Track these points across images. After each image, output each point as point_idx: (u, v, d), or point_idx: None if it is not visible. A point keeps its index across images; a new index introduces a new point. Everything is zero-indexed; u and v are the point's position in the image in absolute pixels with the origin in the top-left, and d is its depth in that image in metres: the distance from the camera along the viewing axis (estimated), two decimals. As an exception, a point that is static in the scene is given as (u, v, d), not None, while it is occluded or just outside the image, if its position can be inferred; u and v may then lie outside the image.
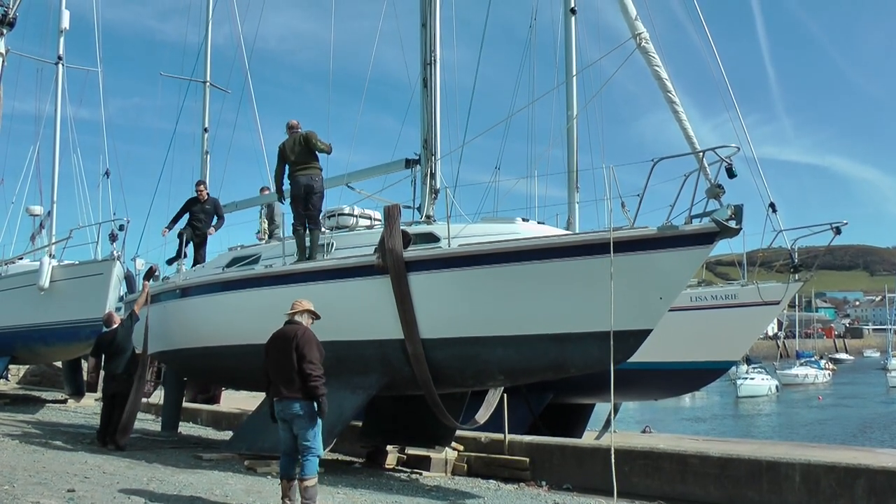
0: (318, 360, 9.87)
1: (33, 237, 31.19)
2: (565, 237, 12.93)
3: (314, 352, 9.89)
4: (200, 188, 19.22)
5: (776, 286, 20.25)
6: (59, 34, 29.50)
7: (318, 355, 9.91)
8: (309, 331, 10.19)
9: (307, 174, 15.16)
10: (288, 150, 15.36)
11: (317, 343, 10.02)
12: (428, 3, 15.70)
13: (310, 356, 9.81)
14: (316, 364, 9.81)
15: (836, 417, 52.68)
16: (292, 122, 15.71)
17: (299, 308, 10.50)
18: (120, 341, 15.76)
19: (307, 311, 10.49)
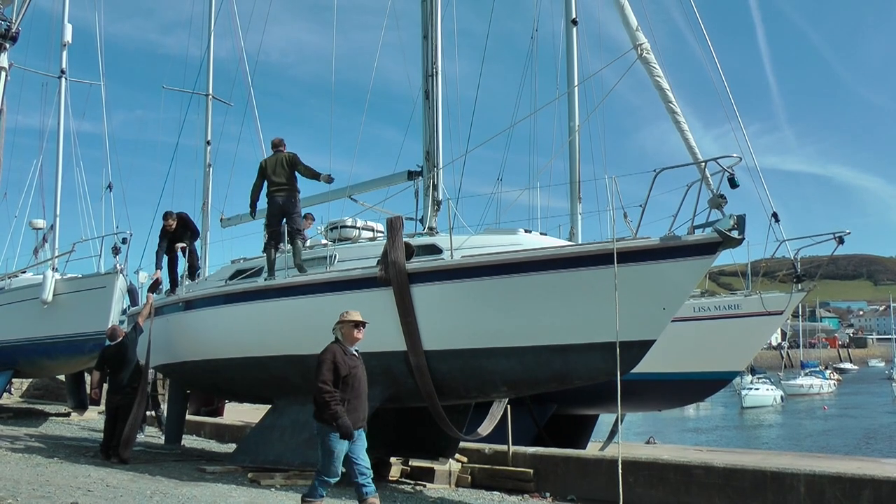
0: (326, 380, 9.42)
1: (36, 251, 31.23)
2: (568, 248, 12.93)
3: (321, 371, 9.48)
4: (169, 222, 18.61)
5: (779, 296, 20.23)
6: (61, 48, 29.55)
7: (327, 375, 9.45)
8: (327, 349, 9.75)
9: (284, 195, 15.34)
10: (269, 168, 15.46)
11: (330, 362, 9.53)
12: (429, 15, 15.74)
13: (317, 376, 9.50)
14: (322, 384, 9.41)
15: (841, 428, 52.55)
16: (276, 140, 15.81)
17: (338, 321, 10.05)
18: (124, 354, 15.79)
19: (340, 323, 9.99)
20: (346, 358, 9.64)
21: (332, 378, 9.44)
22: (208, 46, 30.15)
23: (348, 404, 9.47)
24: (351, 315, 9.93)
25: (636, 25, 12.98)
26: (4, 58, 10.99)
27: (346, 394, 9.50)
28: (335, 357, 9.55)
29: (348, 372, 9.53)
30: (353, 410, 9.52)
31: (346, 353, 9.69)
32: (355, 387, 9.63)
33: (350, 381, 9.55)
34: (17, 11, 11.02)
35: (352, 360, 9.70)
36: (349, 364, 9.60)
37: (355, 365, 9.71)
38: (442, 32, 15.88)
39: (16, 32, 10.87)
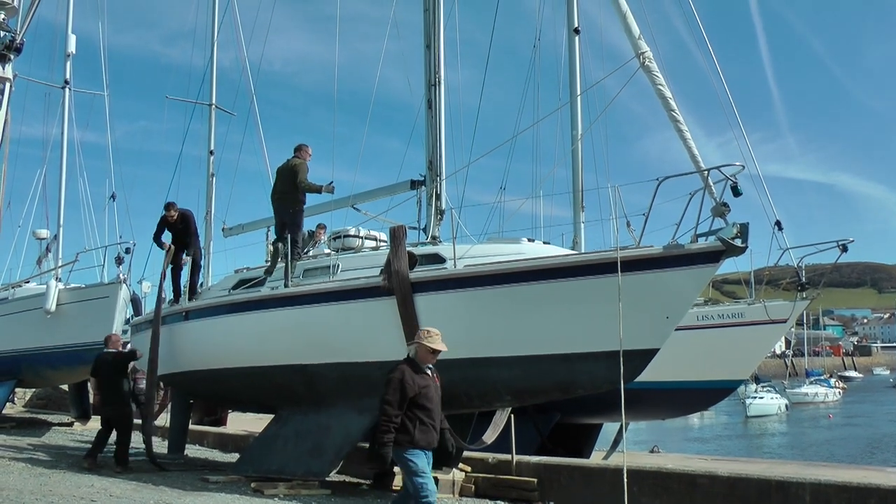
0: (390, 401, 8.98)
1: (40, 261, 31.26)
2: (571, 257, 12.91)
3: (386, 391, 9.06)
4: (171, 213, 18.59)
5: (783, 304, 20.22)
6: (65, 59, 29.58)
7: (392, 396, 9.00)
8: (397, 368, 9.28)
9: (284, 205, 15.47)
10: (278, 173, 15.59)
11: (397, 382, 9.07)
12: (432, 24, 15.75)
13: (383, 395, 9.10)
14: (385, 405, 9.00)
15: (846, 437, 52.40)
16: (297, 145, 15.88)
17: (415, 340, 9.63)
18: (119, 364, 16.01)
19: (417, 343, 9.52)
20: (417, 377, 9.20)
21: (398, 399, 9.00)
22: (211, 57, 30.16)
23: (420, 424, 9.12)
24: (432, 341, 9.47)
25: (638, 34, 12.97)
26: (9, 69, 10.98)
27: (416, 414, 9.11)
28: (404, 377, 9.12)
29: (417, 392, 9.11)
30: (426, 430, 9.17)
31: (416, 372, 9.26)
32: (427, 407, 9.23)
33: (420, 400, 9.15)
34: (21, 22, 11.03)
35: (422, 380, 9.26)
36: (419, 384, 9.17)
37: (426, 384, 9.29)
38: (444, 42, 15.90)
39: (20, 43, 10.87)
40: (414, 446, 9.05)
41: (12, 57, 10.90)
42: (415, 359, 9.42)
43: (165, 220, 18.50)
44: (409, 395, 9.03)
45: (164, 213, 18.57)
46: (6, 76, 10.95)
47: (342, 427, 13.65)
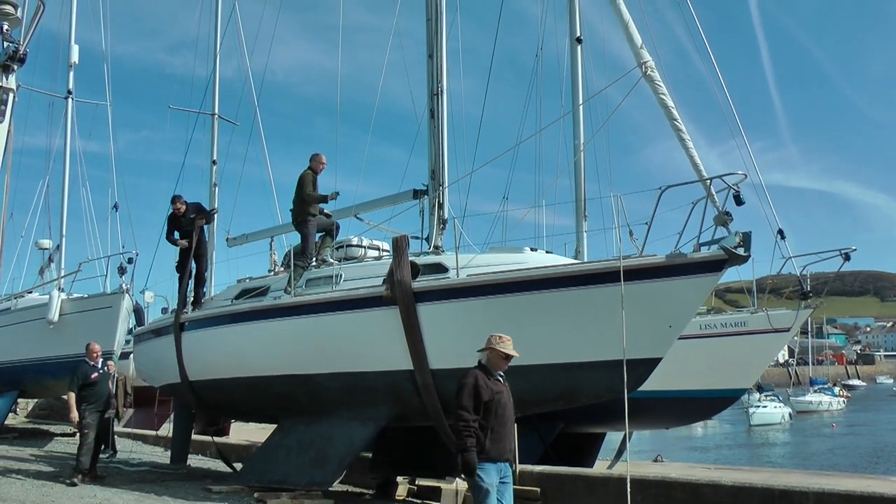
0: (465, 406, 8.58)
1: (42, 271, 31.33)
2: (574, 266, 12.90)
3: (461, 396, 8.66)
4: (178, 206, 17.99)
5: (786, 313, 20.20)
6: (68, 69, 29.58)
7: (467, 401, 8.60)
8: (469, 373, 8.90)
9: (293, 217, 15.55)
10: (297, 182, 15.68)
11: (471, 387, 8.69)
12: (434, 34, 15.77)
13: (457, 401, 8.71)
14: (461, 410, 8.59)
15: (849, 446, 52.32)
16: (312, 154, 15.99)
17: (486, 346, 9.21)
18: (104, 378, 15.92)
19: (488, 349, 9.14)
20: (490, 382, 8.83)
21: (473, 404, 8.61)
22: (214, 66, 30.23)
23: (492, 433, 8.67)
24: (505, 346, 9.13)
25: (640, 43, 12.99)
26: (12, 79, 11.00)
27: (489, 421, 8.67)
28: (477, 381, 8.75)
29: (491, 397, 8.71)
30: (497, 440, 8.72)
31: (489, 378, 8.88)
32: (500, 414, 8.79)
33: (493, 406, 8.72)
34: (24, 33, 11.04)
35: (496, 385, 8.87)
36: (493, 389, 8.79)
37: (499, 390, 8.89)
38: (447, 51, 15.92)
39: (24, 54, 10.87)
40: (485, 458, 8.60)
41: (15, 67, 10.91)
42: (487, 365, 9.04)
43: (174, 215, 18.03)
44: (484, 400, 8.65)
45: (172, 208, 18.09)
46: (9, 86, 10.96)
47: (345, 437, 13.64)
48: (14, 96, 11.16)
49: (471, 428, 8.52)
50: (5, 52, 10.79)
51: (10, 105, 11.15)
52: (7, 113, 11.10)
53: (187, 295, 17.50)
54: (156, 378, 19.55)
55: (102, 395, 15.64)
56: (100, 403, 15.53)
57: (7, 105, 11.08)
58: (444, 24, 15.94)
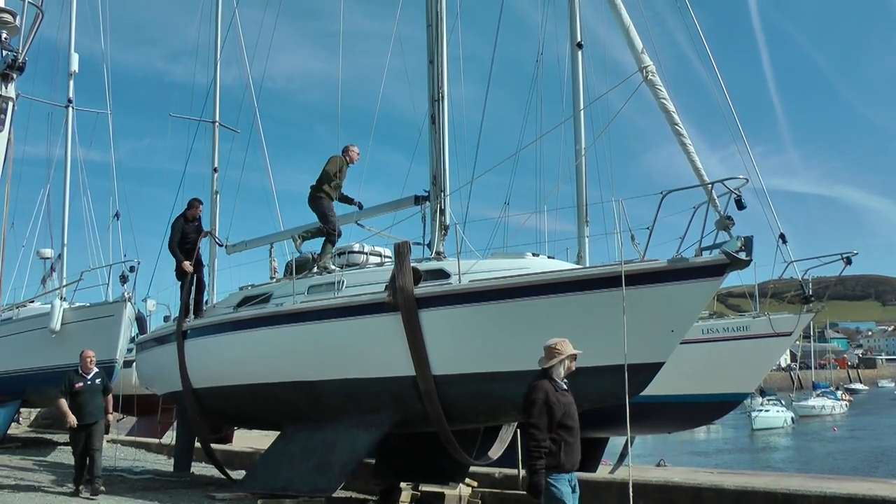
0: (538, 425, 8.24)
1: (44, 280, 31.38)
2: (576, 271, 12.92)
3: (532, 414, 8.30)
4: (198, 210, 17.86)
5: (788, 317, 20.19)
6: (68, 77, 29.52)
7: (539, 420, 8.26)
8: (537, 387, 8.53)
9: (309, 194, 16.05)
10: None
11: (542, 403, 8.34)
12: (435, 40, 15.78)
13: (527, 419, 8.35)
14: (534, 430, 8.24)
15: (851, 449, 52.31)
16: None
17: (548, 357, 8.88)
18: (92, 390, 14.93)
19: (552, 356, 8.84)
20: (559, 395, 8.52)
21: (546, 422, 8.27)
22: (215, 74, 30.24)
23: (566, 445, 8.39)
24: (566, 347, 8.87)
25: (641, 48, 12.99)
26: (11, 88, 10.98)
27: (561, 436, 8.35)
28: (548, 397, 8.39)
29: (564, 411, 8.42)
30: (569, 453, 8.43)
31: (557, 390, 8.58)
32: (571, 427, 8.50)
33: (565, 420, 8.42)
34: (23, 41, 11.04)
35: (565, 397, 8.58)
36: (563, 402, 8.49)
37: (569, 402, 8.60)
38: (447, 57, 15.92)
39: (23, 62, 10.85)
40: (560, 470, 8.34)
41: (15, 76, 10.89)
42: (552, 374, 8.72)
43: (187, 217, 17.64)
44: (557, 417, 8.33)
45: (188, 211, 17.74)
46: (9, 95, 10.95)
47: (348, 443, 13.64)
48: (14, 105, 11.14)
49: (542, 449, 8.22)
50: (4, 60, 10.77)
51: (10, 114, 11.13)
52: (7, 122, 11.08)
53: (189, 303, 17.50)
54: (158, 386, 19.55)
55: (85, 407, 14.63)
56: (84, 415, 14.57)
57: (7, 114, 11.06)
58: (445, 30, 15.94)
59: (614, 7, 13.43)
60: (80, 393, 14.72)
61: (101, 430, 15.02)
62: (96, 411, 14.79)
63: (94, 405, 14.79)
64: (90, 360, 15.15)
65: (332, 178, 15.82)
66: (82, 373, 14.98)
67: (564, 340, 8.92)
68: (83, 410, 14.64)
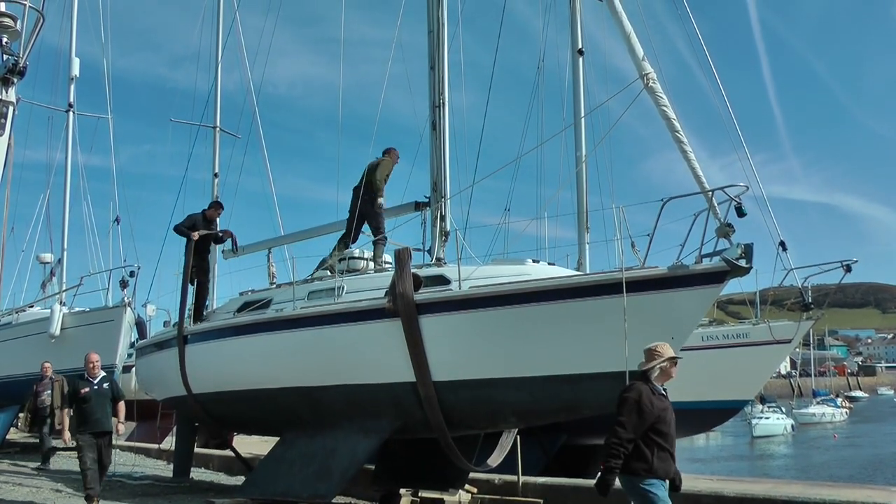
0: (624, 422, 8.04)
1: (44, 285, 31.35)
2: (576, 278, 12.90)
3: (622, 411, 8.12)
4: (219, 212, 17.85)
5: (788, 325, 20.23)
6: (69, 82, 29.53)
7: (627, 417, 8.06)
8: (634, 387, 8.33)
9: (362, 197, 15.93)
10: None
11: (634, 402, 8.14)
12: (436, 46, 15.80)
13: (617, 415, 8.16)
14: (618, 426, 8.05)
15: (851, 457, 52.26)
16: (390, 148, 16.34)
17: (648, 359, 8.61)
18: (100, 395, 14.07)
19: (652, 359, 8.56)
20: (655, 398, 8.26)
21: (634, 422, 8.06)
22: (216, 79, 30.28)
23: (659, 451, 8.15)
24: (666, 350, 8.59)
25: (642, 55, 12.98)
26: (12, 92, 10.99)
27: (653, 439, 8.14)
28: (642, 398, 8.17)
29: (657, 416, 8.17)
30: (664, 459, 8.18)
31: (654, 393, 8.32)
32: (665, 432, 8.24)
33: (659, 426, 8.19)
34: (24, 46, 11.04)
35: (660, 402, 8.30)
36: (658, 406, 8.22)
37: (665, 407, 8.32)
38: (448, 64, 15.93)
39: (23, 67, 10.86)
40: (652, 475, 8.11)
41: (15, 81, 10.90)
42: (651, 378, 8.48)
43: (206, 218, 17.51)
44: (648, 421, 8.12)
45: (206, 210, 17.62)
46: (9, 100, 10.95)
47: (348, 449, 13.63)
48: (14, 110, 11.15)
49: (621, 448, 8.04)
50: (5, 64, 10.78)
51: (10, 118, 11.14)
52: (7, 126, 11.09)
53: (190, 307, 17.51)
54: (158, 391, 19.53)
55: (93, 415, 13.80)
56: (92, 423, 13.78)
57: (7, 118, 11.07)
58: (446, 37, 15.97)
59: (615, 14, 13.44)
60: (87, 399, 13.84)
61: (111, 441, 14.33)
62: (106, 420, 13.94)
63: (104, 413, 13.93)
64: (95, 364, 14.31)
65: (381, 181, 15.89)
66: (88, 377, 14.12)
67: (665, 343, 8.71)
68: (91, 418, 13.80)
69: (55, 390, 20.63)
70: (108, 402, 14.02)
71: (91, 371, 14.19)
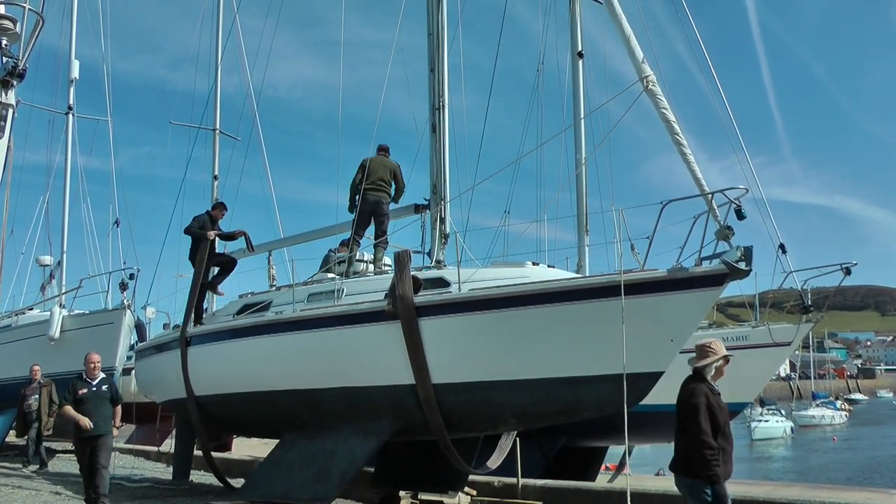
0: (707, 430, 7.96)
1: (43, 287, 31.31)
2: (576, 280, 12.90)
3: (699, 420, 7.99)
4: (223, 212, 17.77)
5: (787, 327, 20.21)
6: (69, 84, 29.52)
7: (706, 425, 7.97)
8: (698, 391, 8.21)
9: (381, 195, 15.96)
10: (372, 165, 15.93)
11: (705, 408, 8.06)
12: (436, 49, 15.81)
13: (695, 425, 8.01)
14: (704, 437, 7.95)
15: (851, 459, 52.27)
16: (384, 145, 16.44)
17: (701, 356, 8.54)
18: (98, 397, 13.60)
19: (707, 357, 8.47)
20: (717, 399, 8.23)
21: (711, 426, 8.01)
22: (215, 82, 30.30)
23: (724, 455, 8.10)
24: (719, 347, 8.53)
25: (642, 58, 12.99)
26: (12, 95, 10.97)
27: (720, 444, 8.06)
28: (709, 400, 8.13)
29: (724, 419, 8.19)
30: (727, 463, 8.15)
31: (714, 393, 8.28)
32: (729, 434, 8.25)
33: (725, 428, 8.17)
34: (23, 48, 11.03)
35: (719, 401, 8.25)
36: (721, 406, 8.21)
37: (724, 407, 8.30)
38: (448, 66, 15.94)
39: (23, 69, 10.84)
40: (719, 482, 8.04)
41: (15, 83, 10.89)
42: (706, 377, 8.43)
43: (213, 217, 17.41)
44: (720, 423, 8.10)
45: (212, 211, 17.58)
46: (9, 102, 10.95)
47: (347, 451, 13.62)
48: (14, 112, 11.14)
49: (718, 457, 7.97)
50: (4, 67, 10.77)
51: (10, 121, 11.13)
52: (7, 129, 11.08)
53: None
54: (158, 394, 19.51)
55: (89, 416, 13.20)
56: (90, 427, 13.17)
57: (7, 121, 11.06)
58: (446, 39, 15.98)
59: (615, 17, 13.45)
60: (85, 401, 13.38)
61: (109, 444, 13.67)
62: (102, 422, 13.35)
63: (101, 415, 13.37)
64: (96, 364, 13.86)
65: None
66: (87, 378, 13.68)
67: (717, 340, 8.68)
68: (91, 420, 13.24)
69: (43, 395, 20.62)
70: (107, 405, 13.56)
71: (91, 372, 13.76)
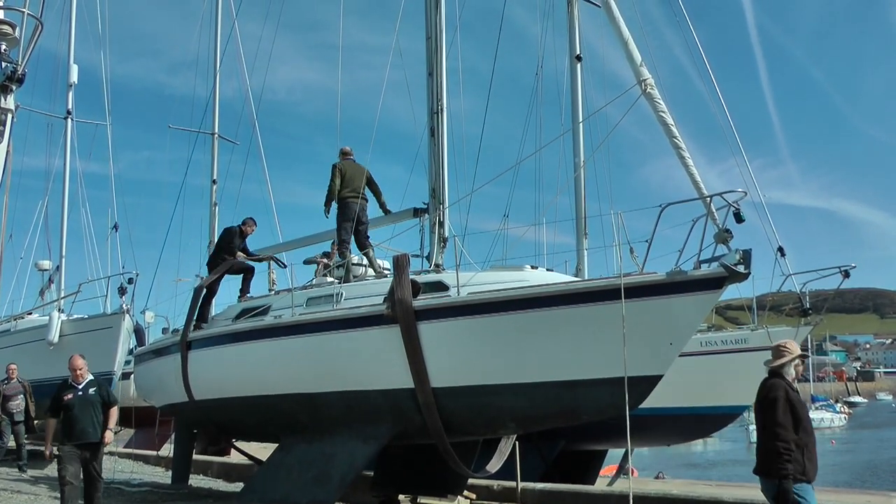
0: (784, 423, 7.89)
1: (42, 292, 31.27)
2: (575, 284, 12.91)
3: (777, 413, 7.94)
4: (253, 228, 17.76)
5: (786, 330, 20.18)
6: (67, 89, 29.48)
7: (784, 418, 7.88)
8: (777, 385, 8.15)
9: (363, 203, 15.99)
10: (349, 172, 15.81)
11: (785, 401, 7.98)
12: (434, 52, 15.81)
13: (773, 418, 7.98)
14: (780, 429, 7.88)
15: (850, 462, 52.25)
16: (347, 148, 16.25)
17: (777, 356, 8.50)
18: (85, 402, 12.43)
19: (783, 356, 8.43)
20: (797, 395, 8.15)
21: (790, 421, 7.93)
22: (214, 86, 30.31)
23: (807, 452, 7.99)
24: (794, 347, 8.51)
25: (640, 61, 12.98)
26: (11, 99, 10.98)
27: (803, 440, 7.96)
28: (789, 395, 8.03)
29: (805, 414, 8.08)
30: (811, 458, 8.02)
31: (794, 390, 8.19)
32: (811, 431, 8.16)
33: (807, 425, 8.08)
34: (23, 53, 11.04)
35: (798, 397, 8.17)
36: (802, 401, 8.18)
37: (804, 404, 8.24)
38: (447, 70, 15.94)
39: (22, 74, 10.84)
40: (806, 479, 7.94)
41: (14, 88, 10.90)
42: (785, 376, 8.35)
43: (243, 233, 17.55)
44: (801, 417, 8.00)
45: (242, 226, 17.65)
46: (8, 107, 10.95)
47: (347, 455, 13.62)
48: (13, 117, 11.15)
49: (792, 451, 7.85)
50: (3, 72, 10.77)
51: (9, 125, 11.14)
52: (6, 133, 11.09)
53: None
54: (157, 398, 19.51)
55: (77, 424, 12.10)
56: (76, 434, 12.08)
57: (6, 125, 11.07)
58: (444, 43, 15.99)
59: (613, 20, 13.44)
60: (71, 406, 12.25)
61: (100, 453, 12.55)
62: (92, 429, 12.18)
63: (89, 421, 12.19)
64: (79, 372, 12.71)
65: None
66: (73, 383, 12.60)
67: (792, 340, 8.69)
68: (75, 427, 12.14)
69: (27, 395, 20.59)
70: (97, 410, 12.33)
71: (75, 378, 12.65)
